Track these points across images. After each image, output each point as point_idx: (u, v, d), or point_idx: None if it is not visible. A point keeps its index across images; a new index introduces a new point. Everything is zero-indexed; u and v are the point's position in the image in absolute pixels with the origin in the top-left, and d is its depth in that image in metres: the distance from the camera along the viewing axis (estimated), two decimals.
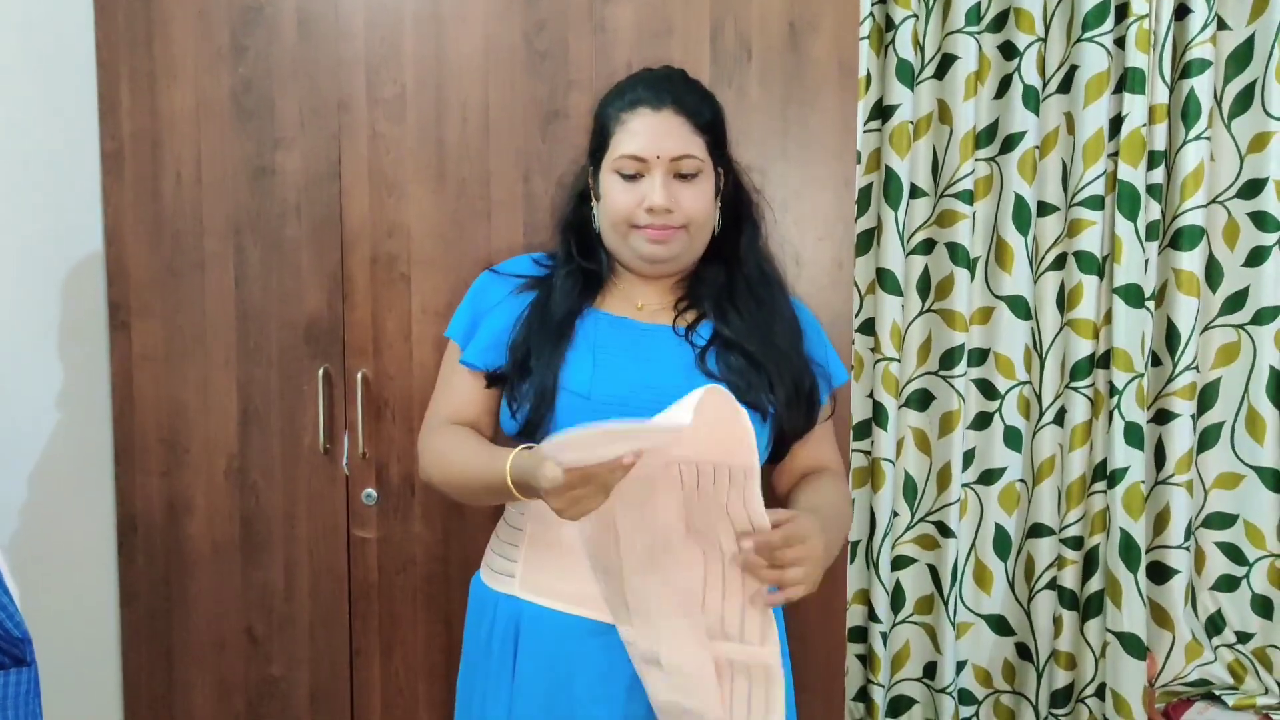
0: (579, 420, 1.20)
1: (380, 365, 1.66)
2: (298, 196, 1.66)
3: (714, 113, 1.28)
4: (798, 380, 1.27)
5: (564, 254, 1.34)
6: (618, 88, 1.30)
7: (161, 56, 1.66)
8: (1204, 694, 2.14)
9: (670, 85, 1.26)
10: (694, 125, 1.24)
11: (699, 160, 1.24)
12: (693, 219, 1.25)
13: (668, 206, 1.22)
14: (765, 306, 1.30)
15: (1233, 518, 2.15)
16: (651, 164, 1.23)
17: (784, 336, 1.29)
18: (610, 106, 1.28)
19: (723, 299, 1.29)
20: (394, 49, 1.62)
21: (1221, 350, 2.11)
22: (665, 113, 1.23)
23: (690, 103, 1.25)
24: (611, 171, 1.25)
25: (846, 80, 1.62)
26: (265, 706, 1.75)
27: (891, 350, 2.08)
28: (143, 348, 1.70)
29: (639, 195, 1.23)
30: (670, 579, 1.08)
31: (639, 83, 1.27)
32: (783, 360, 1.26)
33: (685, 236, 1.26)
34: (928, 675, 2.21)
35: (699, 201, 1.25)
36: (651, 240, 1.25)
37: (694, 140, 1.24)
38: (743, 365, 1.24)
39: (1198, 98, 1.99)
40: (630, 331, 1.29)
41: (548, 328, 1.27)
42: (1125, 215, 2.01)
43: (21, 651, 1.03)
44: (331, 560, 1.71)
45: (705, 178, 1.26)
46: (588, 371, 1.24)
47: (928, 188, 2.11)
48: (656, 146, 1.22)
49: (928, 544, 2.18)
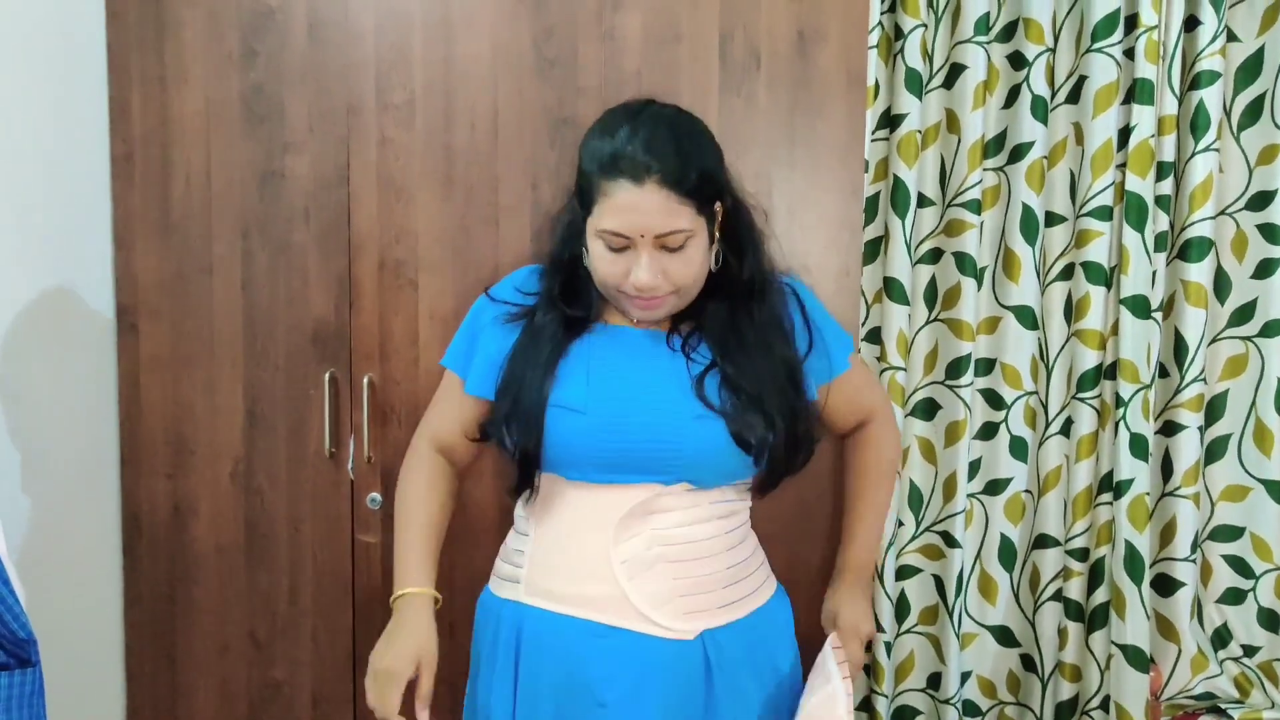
0: (576, 437, 1.22)
1: (386, 370, 1.66)
2: (306, 201, 1.66)
3: (701, 169, 1.18)
4: (793, 424, 1.26)
5: (548, 296, 1.30)
6: (600, 136, 1.20)
7: (172, 60, 1.67)
8: (1210, 707, 2.13)
9: (652, 152, 1.15)
10: (680, 194, 1.16)
11: (686, 231, 1.17)
12: (682, 285, 1.21)
13: (654, 286, 1.19)
14: (767, 343, 1.27)
15: (1240, 530, 2.14)
16: (636, 241, 1.17)
17: (784, 375, 1.26)
18: (593, 162, 1.19)
19: (726, 333, 1.26)
20: (403, 54, 1.63)
21: (1229, 362, 2.11)
22: (648, 187, 1.14)
23: (674, 170, 1.15)
24: (596, 236, 1.20)
25: (855, 89, 1.62)
26: (268, 710, 1.75)
27: (898, 359, 2.07)
28: (150, 351, 1.71)
29: (625, 267, 1.19)
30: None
31: (620, 141, 1.17)
32: (783, 403, 1.25)
33: (675, 299, 1.24)
34: (932, 686, 2.20)
35: (689, 268, 1.20)
36: (640, 306, 1.23)
37: (680, 211, 1.16)
38: (742, 403, 1.23)
39: (1207, 109, 1.99)
40: (625, 341, 1.28)
41: (535, 363, 1.25)
42: (1133, 226, 2.00)
43: (26, 652, 1.03)
44: (335, 564, 1.71)
45: (696, 240, 1.20)
46: (582, 387, 1.24)
47: (935, 197, 2.11)
48: (640, 226, 1.16)
49: (933, 554, 2.18)
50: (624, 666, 1.22)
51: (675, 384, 1.24)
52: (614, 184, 1.16)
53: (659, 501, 1.24)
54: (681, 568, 1.25)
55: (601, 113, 1.28)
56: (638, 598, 1.23)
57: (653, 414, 1.23)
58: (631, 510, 1.23)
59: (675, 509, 1.25)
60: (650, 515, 1.24)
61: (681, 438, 1.22)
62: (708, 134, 1.24)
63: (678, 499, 1.25)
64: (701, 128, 1.23)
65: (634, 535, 1.24)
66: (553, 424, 1.23)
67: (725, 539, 1.29)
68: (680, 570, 1.25)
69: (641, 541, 1.24)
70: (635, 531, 1.24)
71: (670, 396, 1.23)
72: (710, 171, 1.20)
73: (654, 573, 1.24)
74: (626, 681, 1.22)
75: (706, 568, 1.26)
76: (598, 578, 1.24)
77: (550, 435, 1.23)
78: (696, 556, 1.25)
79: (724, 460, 1.24)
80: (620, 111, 1.23)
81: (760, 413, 1.22)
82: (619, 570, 1.23)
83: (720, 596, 1.27)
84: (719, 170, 1.22)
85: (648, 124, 1.18)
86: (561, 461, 1.25)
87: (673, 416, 1.22)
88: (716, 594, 1.27)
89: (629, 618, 1.23)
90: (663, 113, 1.22)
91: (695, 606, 1.25)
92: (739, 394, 1.23)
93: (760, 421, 1.22)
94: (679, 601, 1.24)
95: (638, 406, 1.23)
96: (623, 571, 1.23)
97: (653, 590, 1.23)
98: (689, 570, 1.25)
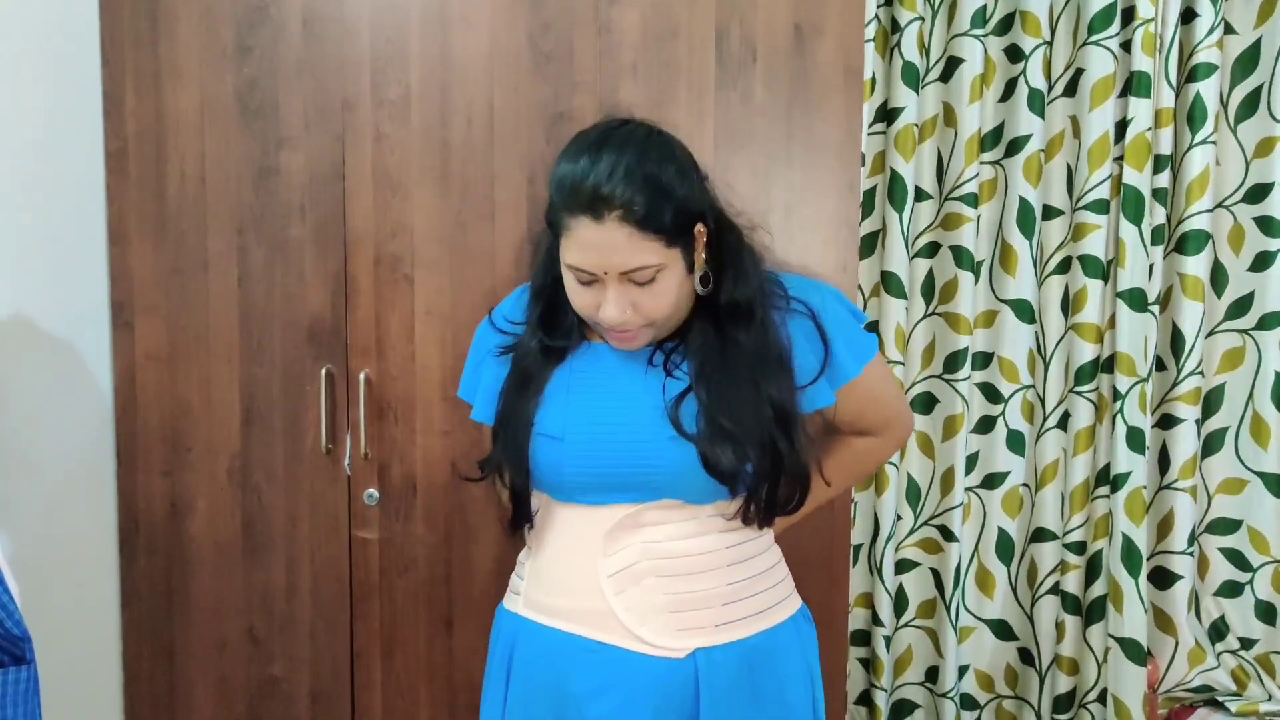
0: (556, 463, 1.19)
1: (383, 366, 1.66)
2: (302, 197, 1.65)
3: (669, 202, 1.10)
4: (777, 457, 1.18)
5: (530, 326, 1.25)
6: (567, 163, 1.13)
7: (166, 56, 1.66)
8: (1207, 700, 2.13)
9: (613, 184, 1.08)
10: (642, 229, 1.08)
11: (654, 266, 1.11)
12: (654, 318, 1.15)
13: (624, 321, 1.13)
14: (753, 375, 1.18)
15: (1236, 523, 2.14)
16: (601, 277, 1.11)
17: (768, 413, 1.18)
18: (558, 193, 1.12)
19: (709, 362, 1.19)
20: (399, 50, 1.62)
21: (1226, 355, 2.11)
22: (609, 224, 1.08)
23: (637, 206, 1.08)
24: (565, 266, 1.15)
25: (852, 83, 1.62)
26: (266, 707, 1.74)
27: (895, 353, 2.08)
28: (146, 347, 1.70)
29: (595, 300, 1.14)
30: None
31: (579, 172, 1.10)
32: (761, 438, 1.17)
33: (651, 330, 1.18)
34: (930, 679, 2.20)
35: (660, 300, 1.14)
36: (615, 339, 1.18)
37: (646, 246, 1.09)
38: (712, 432, 1.16)
39: (1204, 102, 1.99)
40: (606, 359, 1.24)
41: (521, 396, 1.23)
42: (1130, 219, 2.00)
43: (21, 650, 1.03)
44: (333, 561, 1.70)
45: (669, 272, 1.13)
46: (560, 412, 1.21)
47: (932, 191, 2.11)
48: (603, 264, 1.10)
49: (931, 548, 2.18)
50: (610, 683, 1.19)
51: (651, 403, 1.19)
52: (575, 219, 1.09)
53: (650, 514, 1.20)
54: (673, 582, 1.20)
55: (599, 106, 1.25)
56: (624, 613, 1.19)
57: (628, 433, 1.18)
58: (620, 522, 1.19)
59: (667, 522, 1.20)
60: (641, 528, 1.20)
61: (657, 458, 1.17)
62: (682, 158, 1.15)
63: (671, 512, 1.20)
64: (674, 152, 1.15)
65: (624, 548, 1.20)
66: (535, 452, 1.20)
67: (726, 554, 1.22)
68: (672, 585, 1.20)
69: (631, 554, 1.20)
70: (625, 544, 1.20)
71: (646, 416, 1.18)
72: (680, 202, 1.11)
73: (643, 587, 1.19)
74: (613, 698, 1.19)
75: (702, 583, 1.20)
76: (586, 591, 1.20)
77: (533, 463, 1.21)
78: (690, 571, 1.20)
79: (701, 481, 1.18)
80: (585, 137, 1.15)
81: (732, 443, 1.15)
82: (606, 584, 1.19)
83: (717, 614, 1.21)
84: (692, 198, 1.13)
85: (612, 152, 1.10)
86: (547, 486, 1.23)
87: (648, 437, 1.18)
88: (713, 611, 1.21)
89: (615, 633, 1.19)
90: (632, 136, 1.13)
91: (688, 624, 1.20)
92: (711, 423, 1.16)
93: (731, 452, 1.15)
94: (669, 618, 1.19)
95: (613, 427, 1.19)
96: (610, 585, 1.19)
97: (641, 605, 1.19)
98: (681, 585, 1.20)
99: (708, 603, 1.20)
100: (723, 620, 1.21)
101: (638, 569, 1.19)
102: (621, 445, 1.18)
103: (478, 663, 1.69)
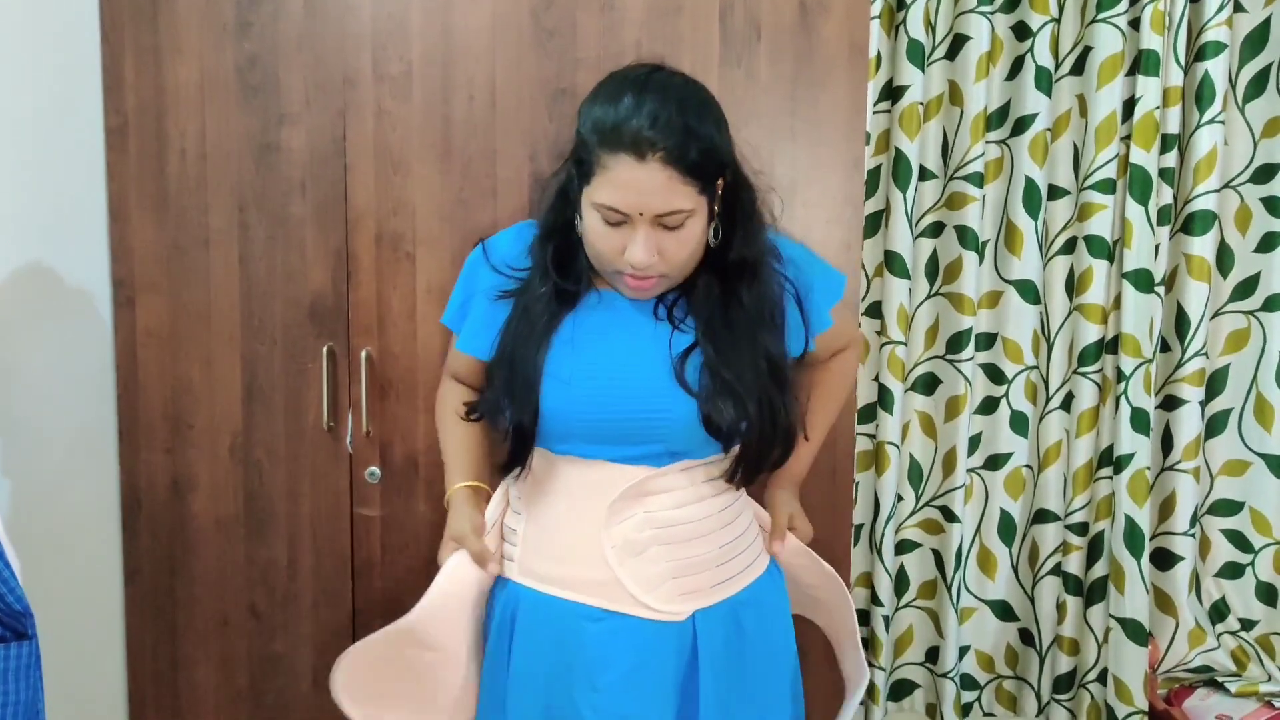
0: (562, 407, 1.21)
1: (384, 344, 1.66)
2: (303, 174, 1.65)
3: (707, 147, 1.13)
4: (774, 416, 1.22)
5: (542, 268, 1.25)
6: (604, 104, 1.14)
7: (166, 31, 1.65)
8: (1206, 680, 2.14)
9: (657, 127, 1.09)
10: (683, 173, 1.11)
11: (685, 211, 1.13)
12: (675, 264, 1.18)
13: (650, 264, 1.15)
14: (753, 332, 1.23)
15: (1239, 505, 2.14)
16: (634, 218, 1.13)
17: (766, 368, 1.23)
18: (594, 132, 1.13)
19: (714, 317, 1.23)
20: (400, 25, 1.61)
21: (1231, 336, 2.10)
22: (651, 165, 1.09)
23: (679, 148, 1.10)
24: (591, 206, 1.16)
25: (857, 61, 1.60)
26: (268, 682, 1.75)
27: (898, 334, 2.07)
28: (147, 324, 1.70)
29: (620, 242, 1.15)
30: None
31: (624, 113, 1.11)
32: (760, 392, 1.21)
33: (666, 281, 1.20)
34: (930, 660, 2.21)
35: (685, 248, 1.16)
36: (631, 286, 1.19)
37: (682, 191, 1.11)
38: (716, 387, 1.19)
39: (1212, 81, 1.97)
40: (613, 309, 1.25)
41: (529, 338, 1.23)
42: (1137, 199, 1.99)
43: (22, 625, 1.03)
44: (335, 538, 1.71)
45: (695, 218, 1.15)
46: (569, 357, 1.22)
47: (937, 170, 2.09)
48: (640, 204, 1.11)
49: (932, 528, 2.18)
50: (618, 650, 1.21)
51: (658, 355, 1.22)
52: (615, 158, 1.11)
53: (653, 483, 1.23)
54: (674, 550, 1.23)
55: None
56: (630, 581, 1.22)
57: (635, 381, 1.21)
58: (624, 493, 1.22)
59: (669, 490, 1.23)
60: (644, 497, 1.23)
61: (661, 408, 1.20)
62: (715, 106, 1.18)
63: (672, 479, 1.23)
64: (709, 99, 1.17)
65: (627, 518, 1.22)
66: (543, 396, 1.21)
67: (719, 518, 1.27)
68: (673, 552, 1.23)
69: (634, 524, 1.22)
70: (628, 514, 1.22)
71: (653, 367, 1.21)
72: (716, 149, 1.14)
73: (647, 556, 1.23)
74: (621, 665, 1.21)
75: (699, 548, 1.25)
76: (590, 561, 1.22)
77: (540, 406, 1.22)
78: (689, 538, 1.24)
79: (703, 434, 1.21)
80: (625, 78, 1.16)
81: (733, 398, 1.19)
82: (610, 554, 1.22)
83: (713, 576, 1.26)
84: (725, 146, 1.17)
85: (655, 95, 1.12)
86: (550, 433, 1.24)
87: (656, 386, 1.20)
88: (709, 573, 1.26)
89: (622, 601, 1.22)
90: (670, 82, 1.15)
91: (688, 588, 1.24)
92: (715, 378, 1.20)
93: (731, 407, 1.19)
94: (672, 584, 1.23)
95: (620, 376, 1.21)
96: (614, 555, 1.22)
97: (646, 574, 1.22)
98: (682, 552, 1.24)
99: (705, 566, 1.25)
100: (717, 580, 1.27)
101: (641, 538, 1.22)
102: (628, 392, 1.21)
103: None
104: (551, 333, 1.23)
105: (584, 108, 1.17)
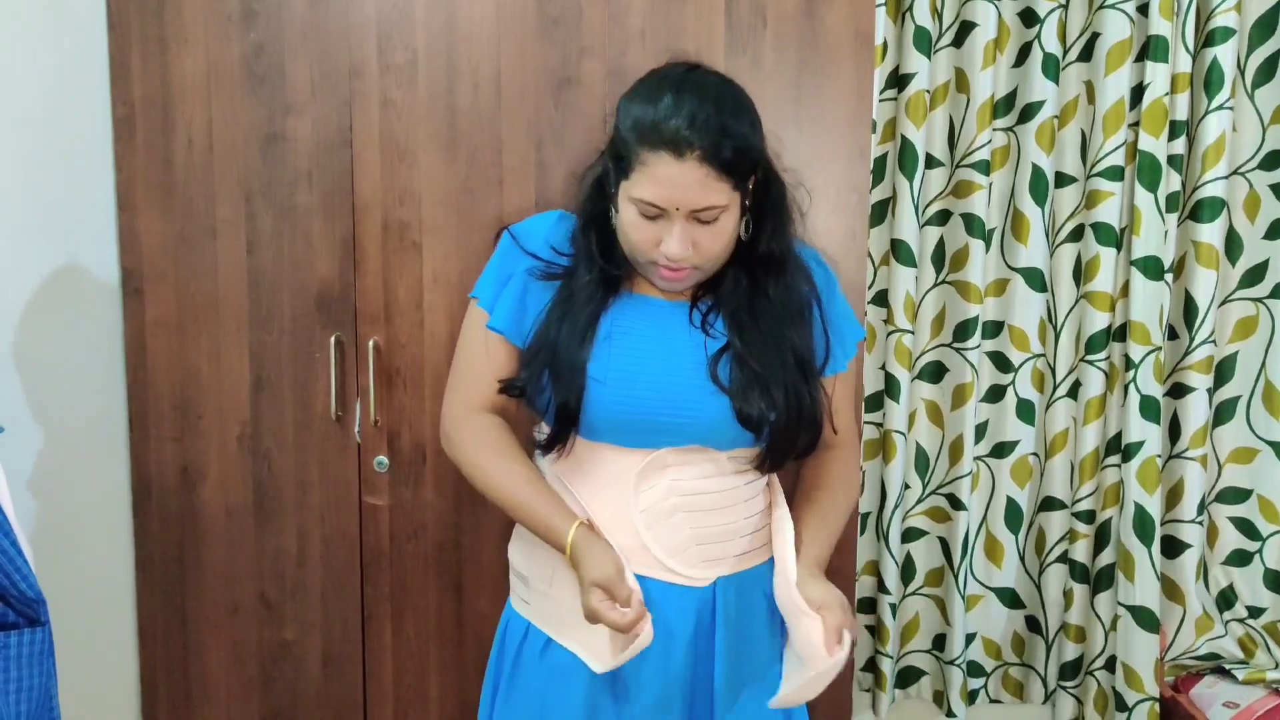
0: (594, 405, 1.24)
1: (392, 333, 1.66)
2: (309, 163, 1.65)
3: (743, 146, 1.17)
4: (800, 404, 1.26)
5: (586, 255, 1.29)
6: (643, 103, 1.18)
7: (172, 21, 1.65)
8: (1214, 668, 2.14)
9: (695, 126, 1.14)
10: (719, 171, 1.15)
11: (720, 207, 1.18)
12: (709, 257, 1.22)
13: (684, 257, 1.20)
14: (780, 324, 1.28)
15: (1247, 493, 2.13)
16: (670, 212, 1.18)
17: (793, 359, 1.27)
18: (633, 129, 1.18)
19: (741, 309, 1.28)
20: (405, 15, 1.61)
21: (1239, 324, 2.10)
22: (689, 162, 1.14)
23: (716, 147, 1.14)
24: (629, 200, 1.20)
25: (863, 48, 1.60)
26: (278, 670, 1.77)
27: (905, 322, 2.07)
28: (155, 314, 1.71)
29: (656, 236, 1.20)
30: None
31: (663, 111, 1.15)
32: (790, 382, 1.26)
33: (699, 273, 1.25)
34: (937, 647, 2.21)
35: (718, 242, 1.21)
36: (665, 277, 1.24)
37: (718, 187, 1.16)
38: (746, 379, 1.25)
39: (1221, 67, 1.96)
40: (648, 312, 1.30)
41: (575, 325, 1.26)
42: (1145, 186, 1.98)
43: (36, 611, 1.04)
44: (343, 526, 1.72)
45: (729, 213, 1.20)
46: (605, 356, 1.26)
47: (944, 158, 2.09)
48: (677, 200, 1.16)
49: (939, 516, 2.18)
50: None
51: (691, 359, 1.26)
52: (654, 155, 1.15)
53: (676, 456, 1.28)
54: (698, 518, 1.28)
55: (607, 72, 1.26)
56: (656, 547, 1.27)
57: (667, 388, 1.25)
58: (650, 463, 1.27)
59: (692, 463, 1.28)
60: (668, 468, 1.28)
61: (696, 408, 1.25)
62: (750, 106, 1.22)
63: (695, 454, 1.28)
64: (745, 100, 1.22)
65: (652, 486, 1.27)
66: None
67: (743, 490, 1.32)
68: (697, 520, 1.28)
69: (659, 493, 1.27)
70: (654, 483, 1.27)
71: (685, 373, 1.26)
72: (750, 147, 1.19)
73: (672, 523, 1.28)
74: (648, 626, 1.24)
75: (723, 518, 1.30)
76: (619, 528, 1.27)
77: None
78: (713, 507, 1.29)
79: (731, 431, 1.26)
80: (665, 77, 1.21)
81: (763, 389, 1.24)
82: (638, 519, 1.27)
83: (737, 545, 1.32)
84: (758, 145, 1.22)
85: (693, 94, 1.16)
86: (583, 425, 1.27)
87: (685, 392, 1.25)
88: (734, 543, 1.31)
89: (649, 565, 1.27)
90: (707, 81, 1.20)
91: (712, 555, 1.29)
92: (744, 369, 1.25)
93: (762, 398, 1.24)
94: (695, 550, 1.29)
95: (653, 379, 1.25)
96: (641, 521, 1.27)
97: (670, 540, 1.27)
98: (705, 520, 1.29)
99: (728, 536, 1.31)
100: (741, 550, 1.32)
101: (666, 505, 1.28)
102: (662, 394, 1.25)
103: (487, 626, 1.70)
104: (596, 320, 1.27)
105: (623, 104, 1.22)
